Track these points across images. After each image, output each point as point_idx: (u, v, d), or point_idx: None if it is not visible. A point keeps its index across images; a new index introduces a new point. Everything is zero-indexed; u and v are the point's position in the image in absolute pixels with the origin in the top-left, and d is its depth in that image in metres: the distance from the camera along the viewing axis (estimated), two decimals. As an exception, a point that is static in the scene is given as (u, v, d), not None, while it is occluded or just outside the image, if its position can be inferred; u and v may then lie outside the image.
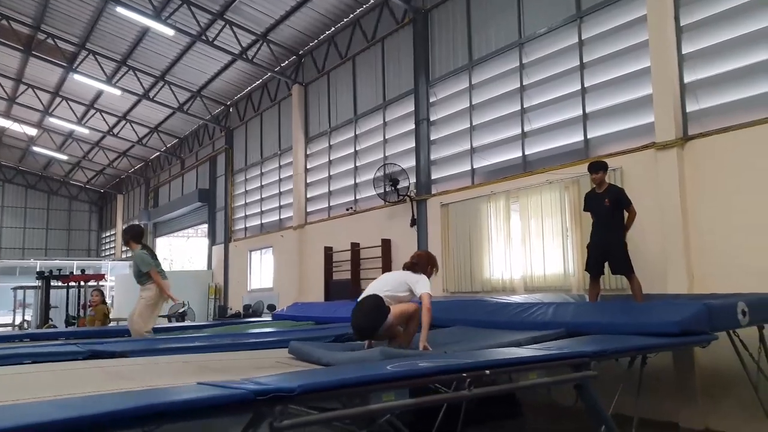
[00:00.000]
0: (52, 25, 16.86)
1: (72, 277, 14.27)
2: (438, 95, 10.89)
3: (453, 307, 6.56)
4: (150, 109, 20.95)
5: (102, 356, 4.34)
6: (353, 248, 12.09)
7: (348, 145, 13.23)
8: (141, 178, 28.34)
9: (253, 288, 16.92)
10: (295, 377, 2.61)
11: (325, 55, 14.24)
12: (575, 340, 4.36)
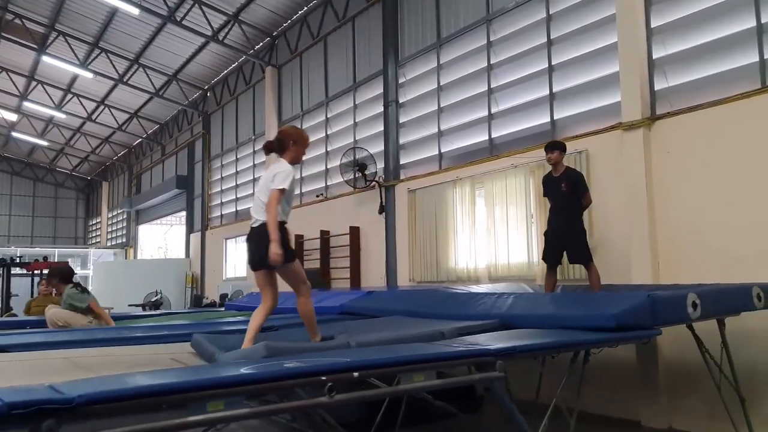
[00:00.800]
0: (20, 5, 16.35)
1: (34, 265, 13.85)
2: (407, 75, 10.43)
3: (398, 297, 6.17)
4: (128, 93, 20.44)
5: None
6: (323, 236, 11.69)
7: (319, 129, 12.77)
8: (125, 165, 27.87)
9: (228, 277, 16.54)
10: (90, 384, 2.17)
11: (298, 36, 13.75)
12: (496, 335, 3.97)
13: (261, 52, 15.12)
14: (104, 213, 30.66)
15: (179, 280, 18.42)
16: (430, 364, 2.86)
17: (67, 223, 35.39)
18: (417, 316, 5.07)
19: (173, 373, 2.83)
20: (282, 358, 3.06)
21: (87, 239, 34.88)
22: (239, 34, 14.69)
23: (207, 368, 3.03)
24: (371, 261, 10.69)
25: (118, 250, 27.21)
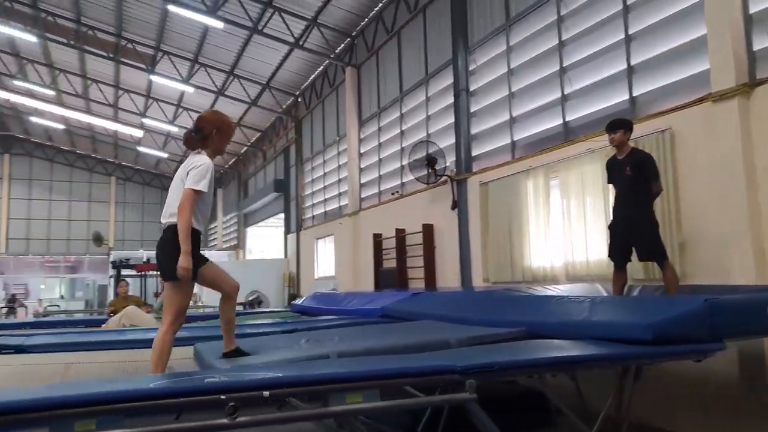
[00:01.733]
0: (131, 31, 17.56)
1: (141, 267, 14.73)
2: (477, 61, 9.80)
3: (439, 299, 5.65)
4: (229, 104, 21.30)
5: (6, 350, 4.03)
6: (398, 235, 11.33)
7: (395, 125, 12.45)
8: (234, 172, 29.30)
9: (319, 276, 16.70)
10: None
11: (374, 33, 13.52)
12: (505, 346, 3.40)
13: (342, 53, 15.09)
14: (220, 217, 32.46)
15: (278, 280, 18.95)
16: (371, 382, 2.39)
17: (190, 229, 37.91)
18: (451, 320, 4.54)
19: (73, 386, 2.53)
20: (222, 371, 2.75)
21: (207, 242, 37.14)
22: (320, 38, 14.76)
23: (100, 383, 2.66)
24: (446, 260, 10.17)
25: (231, 251, 28.65)
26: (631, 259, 5.29)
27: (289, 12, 14.03)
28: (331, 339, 3.84)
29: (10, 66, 20.98)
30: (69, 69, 20.70)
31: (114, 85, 21.69)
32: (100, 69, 20.22)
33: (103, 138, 29.66)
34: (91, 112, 24.80)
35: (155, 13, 15.85)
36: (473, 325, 4.24)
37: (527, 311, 4.14)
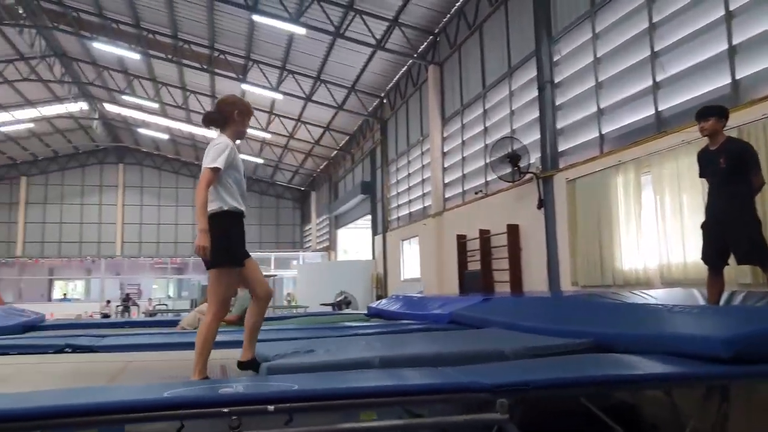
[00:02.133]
0: (222, 42, 18.33)
1: None
2: (562, 51, 9.30)
3: (511, 305, 5.33)
4: (318, 109, 21.76)
5: (76, 350, 4.22)
6: (482, 236, 10.97)
7: (478, 122, 12.11)
8: (326, 175, 29.91)
9: (405, 278, 16.60)
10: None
11: (456, 29, 13.24)
12: (559, 360, 3.06)
13: (424, 51, 14.92)
14: (313, 219, 33.27)
15: (367, 281, 19.07)
16: (387, 399, 2.19)
17: (287, 229, 39.16)
18: (518, 329, 4.25)
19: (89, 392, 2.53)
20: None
21: (303, 243, 38.23)
22: (401, 38, 14.66)
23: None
24: (532, 262, 9.71)
25: (323, 252, 29.29)
26: (728, 262, 4.72)
27: (369, 14, 14.04)
28: (384, 345, 3.69)
29: (119, 82, 22.60)
30: (170, 82, 21.95)
31: (210, 95, 22.72)
32: (197, 80, 21.27)
33: (203, 146, 31.24)
34: (192, 122, 26.19)
35: (243, 23, 16.40)
36: (540, 334, 3.95)
37: (598, 320, 3.77)
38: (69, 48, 20.80)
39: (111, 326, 7.05)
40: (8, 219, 32.05)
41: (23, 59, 20.61)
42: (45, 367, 3.55)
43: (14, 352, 4.07)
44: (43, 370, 3.48)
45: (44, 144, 30.23)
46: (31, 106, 24.62)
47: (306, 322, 6.96)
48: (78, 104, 25.51)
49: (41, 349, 4.17)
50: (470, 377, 2.42)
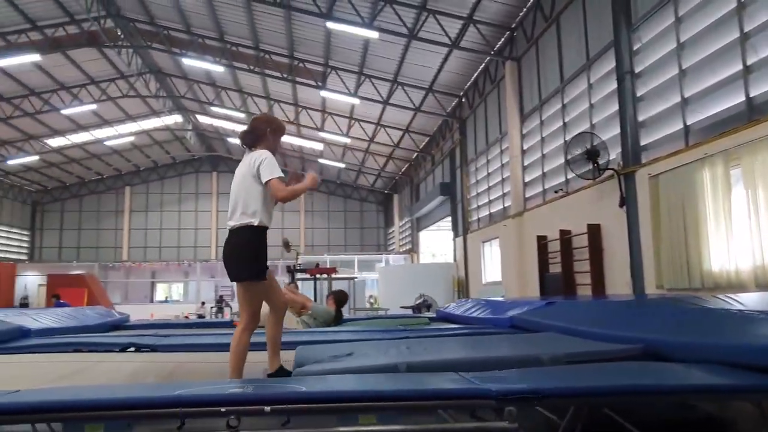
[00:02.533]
0: (301, 51, 18.82)
1: (312, 270, 15.52)
2: (642, 39, 8.74)
3: (574, 309, 5.04)
4: (396, 112, 21.83)
5: (139, 348, 4.43)
6: (562, 236, 10.53)
7: (557, 117, 11.65)
8: (407, 178, 29.97)
9: (486, 281, 16.26)
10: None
11: (533, 23, 12.82)
12: (590, 367, 2.82)
13: (501, 48, 14.58)
14: (396, 222, 33.43)
15: (448, 284, 18.86)
16: (383, 403, 2.13)
17: (371, 232, 39.64)
18: (573, 333, 3.99)
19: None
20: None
21: (387, 246, 38.52)
22: (477, 35, 14.41)
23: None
24: (615, 264, 9.19)
25: (406, 255, 29.33)
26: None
27: (443, 13, 13.90)
28: (420, 350, 3.59)
29: (208, 94, 23.77)
30: (255, 92, 22.84)
31: (293, 103, 23.41)
32: (280, 89, 21.98)
33: (290, 153, 32.24)
34: (277, 130, 27.07)
35: (320, 31, 16.74)
36: (594, 339, 3.70)
37: (657, 326, 3.47)
38: (162, 64, 22.15)
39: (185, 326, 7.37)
40: (115, 226, 34.65)
41: (123, 77, 22.18)
42: (104, 365, 3.75)
43: (86, 350, 4.36)
44: (100, 369, 3.68)
45: (145, 155, 32.38)
46: (132, 120, 26.44)
47: (368, 324, 6.95)
48: (173, 117, 27.12)
49: (109, 347, 4.43)
50: (486, 383, 2.30)
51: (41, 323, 5.50)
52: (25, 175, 31.14)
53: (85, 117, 24.61)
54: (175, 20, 18.10)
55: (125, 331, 6.51)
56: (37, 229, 34.70)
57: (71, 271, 29.20)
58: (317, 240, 38.70)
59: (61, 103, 22.45)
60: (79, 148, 28.54)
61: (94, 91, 22.52)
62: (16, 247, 32.90)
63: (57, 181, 33.50)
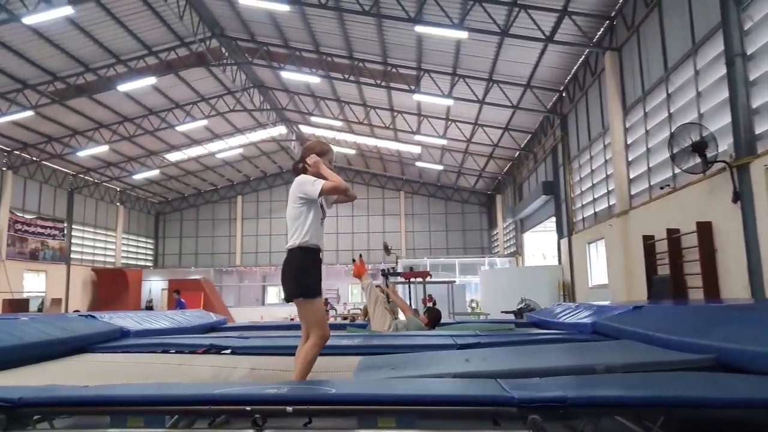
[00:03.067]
0: (394, 56, 18.97)
1: (407, 274, 15.48)
2: (754, 17, 7.93)
3: (662, 314, 4.60)
4: (494, 111, 21.41)
5: (219, 350, 4.62)
6: (670, 236, 9.77)
7: (662, 108, 10.85)
8: (510, 177, 29.26)
9: (593, 284, 15.45)
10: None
11: (633, 10, 12.06)
12: (630, 377, 2.57)
13: (600, 38, 13.85)
14: (500, 223, 32.76)
15: (553, 288, 18.17)
16: (401, 407, 2.14)
17: (474, 234, 39.08)
18: (653, 342, 3.66)
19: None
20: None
21: (491, 248, 37.81)
22: (573, 27, 13.78)
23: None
24: (730, 265, 8.38)
25: (510, 258, 28.62)
26: None
27: (535, 7, 13.44)
28: (481, 359, 3.45)
29: (308, 105, 24.63)
30: (352, 100, 23.33)
31: (389, 108, 23.66)
32: (376, 96, 22.28)
33: (389, 157, 32.64)
34: (375, 135, 27.52)
35: (411, 36, 16.76)
36: (670, 348, 3.38)
37: (739, 333, 3.08)
38: (264, 78, 23.24)
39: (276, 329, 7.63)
40: (228, 233, 36.85)
41: (229, 93, 23.55)
42: (181, 367, 3.97)
43: (172, 351, 4.66)
44: (174, 369, 3.90)
45: (254, 165, 34.16)
46: (240, 133, 28.00)
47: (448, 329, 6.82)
48: (277, 128, 28.38)
49: (192, 348, 4.69)
50: (514, 391, 2.17)
51: (141, 325, 5.92)
52: (148, 188, 33.98)
53: (197, 132, 26.41)
54: (274, 36, 18.92)
55: (220, 333, 6.86)
56: (160, 238, 37.73)
57: (190, 276, 31.45)
58: (418, 243, 38.81)
59: (176, 120, 24.23)
60: (194, 161, 30.68)
61: (205, 107, 24.12)
62: (142, 254, 35.97)
63: (176, 193, 36.22)
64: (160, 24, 18.02)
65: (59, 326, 4.78)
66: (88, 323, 5.35)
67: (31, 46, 17.28)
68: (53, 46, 17.40)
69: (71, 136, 24.22)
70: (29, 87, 19.37)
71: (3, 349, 3.84)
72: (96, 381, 3.05)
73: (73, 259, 28.89)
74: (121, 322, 5.80)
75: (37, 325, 4.59)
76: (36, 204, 26.61)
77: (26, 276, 25.10)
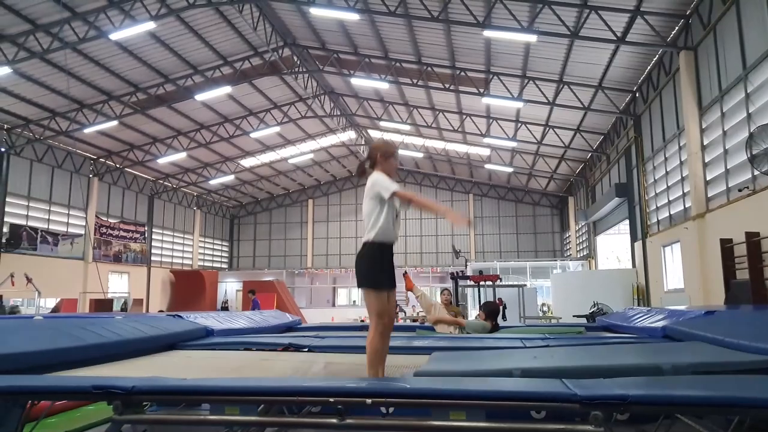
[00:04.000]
0: (462, 60, 19.09)
1: (475, 277, 15.55)
2: (840, 14, 7.60)
3: (731, 319, 4.57)
4: (565, 112, 21.10)
5: (297, 348, 4.97)
6: (749, 239, 9.44)
7: (740, 108, 10.49)
8: (582, 180, 28.64)
9: (669, 288, 14.99)
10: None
11: (710, 7, 11.71)
12: (698, 378, 2.64)
13: (675, 37, 13.48)
14: (572, 226, 32.09)
15: (626, 291, 17.74)
16: (469, 401, 2.33)
17: (545, 237, 38.37)
18: (726, 345, 3.68)
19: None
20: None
21: (563, 252, 37.02)
22: (646, 27, 13.49)
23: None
24: (814, 270, 8.05)
25: (583, 261, 28.01)
26: None
27: (606, 8, 13.27)
28: (549, 357, 3.61)
29: (377, 110, 25.08)
30: (420, 104, 23.59)
31: (457, 111, 23.74)
32: (444, 99, 22.45)
33: (457, 160, 32.64)
34: (444, 138, 27.66)
35: (480, 40, 16.84)
36: (743, 351, 3.41)
37: None
38: (335, 85, 23.88)
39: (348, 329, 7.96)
40: (300, 236, 37.94)
41: (301, 100, 24.36)
42: (264, 363, 4.36)
43: (254, 348, 5.06)
44: (258, 365, 4.28)
45: (324, 170, 35.04)
46: (311, 138, 28.85)
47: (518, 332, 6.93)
48: (347, 133, 29.04)
49: (272, 346, 5.07)
50: (576, 389, 2.34)
51: (223, 325, 6.38)
52: (224, 193, 35.51)
53: (270, 138, 27.44)
54: (344, 44, 19.46)
55: (296, 333, 7.27)
56: (235, 240, 39.31)
57: (263, 277, 32.58)
58: (488, 246, 38.53)
59: (250, 127, 25.28)
60: (267, 166, 31.83)
61: (277, 114, 25.06)
62: (219, 256, 37.62)
63: (250, 197, 37.65)
64: (235, 35, 18.93)
65: (152, 325, 5.22)
66: (177, 322, 5.78)
67: (116, 60, 18.55)
68: (136, 58, 18.61)
69: (151, 143, 25.74)
70: (113, 98, 20.77)
71: (107, 345, 4.29)
72: (190, 374, 3.42)
73: (153, 261, 30.60)
74: (205, 321, 6.26)
75: (132, 323, 5.05)
76: (119, 209, 28.40)
77: (110, 277, 26.81)
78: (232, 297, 33.42)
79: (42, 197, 23.31)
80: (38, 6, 15.07)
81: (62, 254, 23.66)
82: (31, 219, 22.49)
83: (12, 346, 3.50)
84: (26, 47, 16.19)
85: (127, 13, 15.83)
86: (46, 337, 3.88)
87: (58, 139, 23.18)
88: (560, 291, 21.21)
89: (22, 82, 18.38)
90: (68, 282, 23.15)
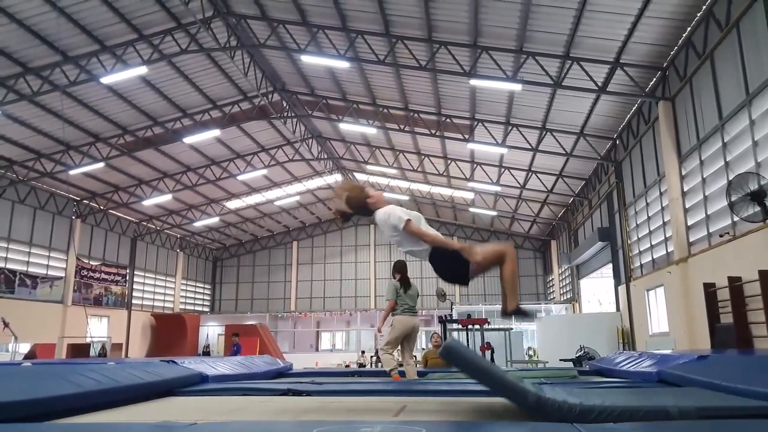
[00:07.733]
0: (448, 107, 19.54)
1: (464, 321, 15.50)
2: (809, 70, 8.03)
3: (727, 364, 4.66)
4: (548, 158, 21.57)
5: (295, 393, 4.95)
6: (731, 284, 9.67)
7: (717, 157, 10.88)
8: (564, 223, 29.04)
9: (654, 332, 15.13)
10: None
11: (685, 61, 12.24)
12: (714, 424, 2.69)
13: (653, 88, 14.01)
14: (555, 269, 32.33)
15: (611, 335, 17.83)
16: None
17: (529, 281, 38.51)
18: (725, 391, 3.76)
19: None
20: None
21: (547, 295, 37.16)
22: (626, 78, 14.02)
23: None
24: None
25: (567, 304, 28.14)
26: None
27: (588, 59, 13.79)
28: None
29: (364, 154, 25.41)
30: (406, 149, 23.98)
31: (443, 156, 24.15)
32: (430, 144, 22.85)
33: (441, 203, 32.96)
34: (429, 182, 27.99)
35: (465, 88, 17.32)
36: (742, 396, 3.49)
37: None
38: (322, 129, 24.23)
39: (342, 375, 7.92)
40: (284, 278, 37.63)
41: (289, 143, 24.64)
42: (263, 405, 4.35)
43: (252, 394, 5.02)
44: (257, 408, 4.26)
45: (309, 212, 35.11)
46: (298, 181, 29.05)
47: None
48: (334, 176, 29.26)
49: (270, 392, 5.04)
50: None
51: (217, 370, 6.32)
52: (207, 235, 35.30)
53: (257, 181, 27.54)
54: (333, 90, 19.86)
55: (288, 379, 7.21)
56: (217, 283, 38.83)
57: (246, 321, 32.13)
58: (472, 289, 38.47)
59: (237, 169, 25.41)
60: (253, 208, 31.83)
61: (264, 157, 25.25)
62: (200, 299, 37.08)
63: (234, 239, 37.43)
64: (225, 80, 19.23)
65: (146, 370, 5.14)
66: (171, 368, 5.67)
67: (105, 102, 18.65)
68: (125, 101, 18.74)
69: (137, 185, 25.65)
70: (101, 140, 20.78)
71: (105, 391, 4.22)
72: (197, 419, 3.39)
73: (134, 305, 29.97)
74: (199, 367, 6.19)
75: (126, 369, 4.98)
76: (101, 251, 27.96)
77: (90, 321, 26.21)
78: (213, 341, 32.79)
79: (22, 239, 22.94)
80: (30, 50, 15.23)
81: (41, 297, 23.14)
82: (9, 261, 22.06)
83: (8, 393, 3.44)
84: (15, 89, 16.27)
85: (119, 58, 16.05)
86: (43, 384, 3.84)
87: (42, 181, 23.03)
88: (546, 334, 21.25)
89: (8, 124, 18.37)
90: (46, 326, 22.52)
